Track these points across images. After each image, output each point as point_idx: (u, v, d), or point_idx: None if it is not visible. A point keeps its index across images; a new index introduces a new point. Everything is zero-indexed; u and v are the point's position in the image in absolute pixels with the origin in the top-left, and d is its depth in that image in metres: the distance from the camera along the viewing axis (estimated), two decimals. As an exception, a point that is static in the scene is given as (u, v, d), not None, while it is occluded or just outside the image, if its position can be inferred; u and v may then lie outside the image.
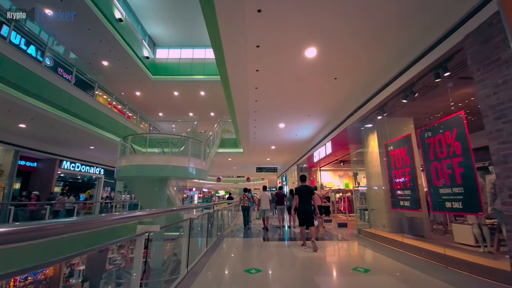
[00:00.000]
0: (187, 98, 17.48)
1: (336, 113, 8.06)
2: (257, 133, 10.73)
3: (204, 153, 11.05)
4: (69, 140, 11.85)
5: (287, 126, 9.81)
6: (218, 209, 7.77)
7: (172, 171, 9.22)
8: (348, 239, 6.80)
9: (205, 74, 15.62)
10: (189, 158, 9.70)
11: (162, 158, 9.16)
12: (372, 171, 6.94)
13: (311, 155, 11.76)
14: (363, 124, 7.04)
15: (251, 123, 9.26)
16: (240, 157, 16.41)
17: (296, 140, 11.66)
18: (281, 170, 20.77)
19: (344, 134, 7.96)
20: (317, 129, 9.85)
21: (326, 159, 10.25)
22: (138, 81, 15.37)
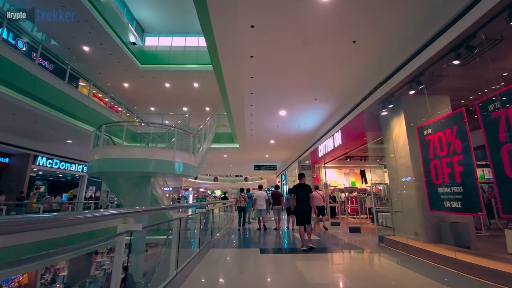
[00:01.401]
0: (180, 91, 15.92)
1: (350, 93, 6.55)
2: (255, 123, 9.21)
3: (194, 146, 9.51)
4: (40, 132, 10.27)
5: (289, 114, 8.29)
6: (208, 210, 6.26)
7: (155, 166, 7.68)
8: (369, 250, 5.28)
9: (198, 63, 14.08)
10: (175, 151, 8.16)
11: (143, 151, 7.62)
12: (397, 164, 5.44)
13: (315, 150, 10.25)
14: (385, 105, 5.53)
15: (247, 109, 7.74)
16: (237, 154, 14.87)
17: (298, 132, 10.15)
18: (280, 168, 19.25)
19: (358, 120, 6.46)
20: (324, 117, 8.34)
21: (333, 153, 8.75)
22: (125, 70, 13.79)
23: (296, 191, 5.25)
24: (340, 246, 5.70)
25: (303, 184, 5.30)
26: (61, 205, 12.43)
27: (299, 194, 5.19)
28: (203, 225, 6.06)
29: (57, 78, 8.92)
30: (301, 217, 5.12)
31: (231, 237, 7.09)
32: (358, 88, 6.15)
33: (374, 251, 5.14)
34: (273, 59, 5.25)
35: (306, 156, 12.01)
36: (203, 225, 6.06)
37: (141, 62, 13.88)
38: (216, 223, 7.87)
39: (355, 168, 13.16)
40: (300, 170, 13.33)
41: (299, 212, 5.16)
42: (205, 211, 6.00)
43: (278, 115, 8.32)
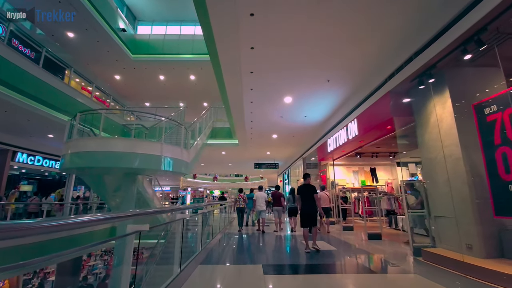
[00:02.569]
0: (175, 85, 14.70)
1: (373, 70, 5.33)
2: (255, 114, 7.99)
3: (187, 140, 8.30)
4: (16, 124, 9.05)
5: (295, 101, 7.07)
6: (204, 212, 5.06)
7: (139, 162, 6.48)
8: (408, 268, 4.03)
9: (194, 52, 12.88)
10: (163, 144, 6.94)
11: (125, 143, 6.39)
12: (439, 155, 4.21)
13: (323, 144, 9.02)
14: (422, 82, 4.31)
15: (246, 94, 6.52)
16: (236, 151, 13.64)
17: (304, 124, 8.93)
18: (282, 166, 18.01)
19: (382, 104, 5.24)
20: (336, 103, 7.11)
21: (345, 147, 7.53)
22: (115, 61, 12.58)
23: (301, 192, 5.10)
24: (366, 261, 4.47)
25: (308, 184, 5.12)
26: (52, 206, 11.27)
27: (303, 195, 5.02)
28: (196, 230, 4.86)
29: (27, 59, 7.70)
30: (305, 219, 4.99)
31: (228, 245, 5.87)
32: (383, 62, 4.93)
33: (416, 270, 3.89)
34: (278, 29, 4.05)
35: (312, 152, 10.78)
36: (196, 230, 4.86)
37: (133, 51, 12.67)
38: (212, 226, 6.67)
39: (365, 166, 11.93)
40: (305, 168, 12.10)
41: (303, 214, 5.03)
42: (199, 214, 4.80)
43: (282, 102, 7.09)
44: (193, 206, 5.78)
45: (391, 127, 5.43)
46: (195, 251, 4.30)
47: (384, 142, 7.76)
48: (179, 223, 3.28)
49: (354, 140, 6.68)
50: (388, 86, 4.90)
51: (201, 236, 4.45)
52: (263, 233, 7.32)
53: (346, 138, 6.97)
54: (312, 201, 4.96)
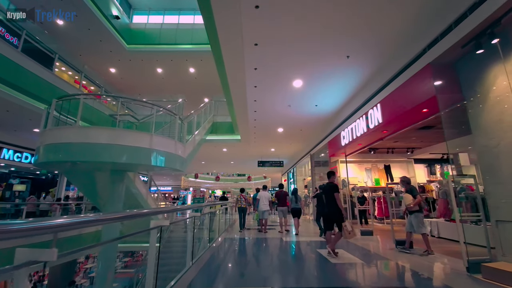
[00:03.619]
0: (174, 78, 13.76)
1: (407, 39, 4.28)
2: (260, 103, 6.97)
3: (182, 132, 7.32)
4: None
5: (306, 86, 6.04)
6: (194, 216, 4.07)
7: (125, 155, 5.50)
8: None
9: (193, 43, 11.92)
10: (153, 136, 5.96)
11: (108, 133, 5.41)
12: (507, 141, 3.14)
13: (336, 137, 7.96)
14: (480, 46, 3.25)
15: (249, 75, 5.50)
16: (238, 147, 12.64)
17: (314, 115, 7.88)
18: (287, 165, 16.93)
19: (418, 81, 4.19)
20: (354, 87, 6.06)
21: (364, 139, 6.45)
22: (109, 51, 11.68)
23: (325, 192, 4.73)
24: (412, 283, 3.41)
25: (331, 183, 4.66)
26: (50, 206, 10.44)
27: (328, 195, 4.58)
28: (188, 237, 3.87)
29: (5, 43, 6.80)
30: (327, 221, 4.77)
31: (227, 255, 4.85)
32: (424, 25, 3.87)
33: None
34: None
35: (322, 148, 9.71)
36: (188, 237, 3.87)
37: (127, 41, 11.75)
38: (209, 230, 5.67)
39: (379, 163, 10.83)
40: (313, 165, 11.03)
41: (323, 215, 4.93)
42: (188, 218, 3.80)
43: (291, 87, 6.06)
44: (181, 208, 4.78)
45: (428, 111, 4.37)
46: (189, 264, 3.28)
47: (405, 134, 6.68)
48: (153, 234, 2.28)
49: (376, 130, 5.61)
50: (429, 56, 3.85)
51: (192, 246, 3.44)
52: (264, 233, 7.03)
53: (366, 128, 5.91)
54: (331, 201, 4.49)
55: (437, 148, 9.46)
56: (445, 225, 6.18)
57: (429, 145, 9.27)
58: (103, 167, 5.95)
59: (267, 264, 4.09)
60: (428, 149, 9.78)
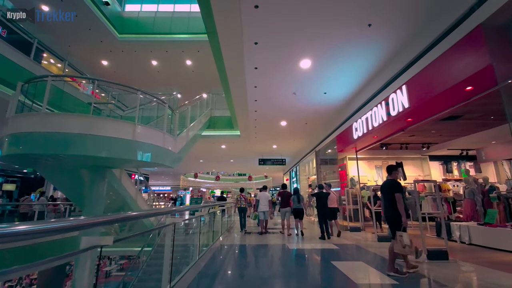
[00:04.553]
0: (170, 71, 12.85)
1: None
2: (261, 89, 6.04)
3: (173, 124, 6.42)
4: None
5: (315, 68, 5.11)
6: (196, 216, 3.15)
7: (101, 148, 4.59)
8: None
9: (190, 32, 11.03)
10: (137, 125, 5.04)
11: (80, 121, 4.50)
12: None
13: (347, 130, 7.03)
14: None
15: (248, 52, 4.58)
16: (237, 144, 11.72)
17: (322, 104, 6.94)
18: (290, 163, 15.99)
19: (463, 48, 3.26)
20: (374, 66, 5.10)
21: (381, 131, 5.49)
22: (100, 41, 10.80)
23: (384, 191, 3.77)
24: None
25: (391, 180, 3.74)
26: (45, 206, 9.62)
27: (386, 195, 3.64)
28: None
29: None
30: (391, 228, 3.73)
31: (223, 267, 3.92)
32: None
33: None
34: None
35: (329, 144, 8.77)
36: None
37: (119, 30, 10.87)
38: (197, 238, 4.76)
39: (390, 160, 9.87)
40: (318, 163, 10.08)
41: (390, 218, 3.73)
42: (166, 227, 2.88)
43: (297, 68, 5.13)
44: (162, 212, 3.86)
45: (473, 89, 3.44)
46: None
47: (425, 127, 5.74)
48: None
49: (398, 118, 4.66)
50: (478, 17, 2.92)
51: (171, 268, 2.51)
52: (265, 233, 6.93)
53: (385, 117, 4.97)
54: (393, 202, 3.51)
55: (457, 143, 8.50)
56: (479, 230, 5.22)
57: (449, 139, 8.30)
58: (77, 162, 5.04)
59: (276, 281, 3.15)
60: (446, 145, 8.81)
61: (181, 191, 24.75)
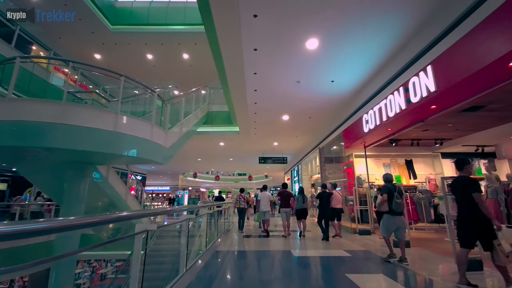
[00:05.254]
0: (166, 65, 12.18)
1: None
2: (261, 75, 5.36)
3: (164, 116, 5.76)
4: None
5: (323, 49, 4.44)
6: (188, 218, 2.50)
7: (77, 139, 3.93)
8: None
9: (186, 23, 10.39)
10: (119, 115, 4.38)
11: (51, 108, 3.84)
12: None
13: (355, 123, 6.36)
14: None
15: (246, 32, 3.91)
16: (237, 141, 11.06)
17: (329, 95, 6.27)
18: (291, 162, 15.29)
19: (508, 13, 2.58)
20: (391, 46, 4.41)
21: (397, 122, 4.80)
22: (91, 33, 10.14)
23: (455, 189, 3.16)
24: None
25: (464, 177, 3.08)
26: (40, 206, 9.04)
27: (458, 194, 3.08)
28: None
29: None
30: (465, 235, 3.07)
31: (215, 283, 3.25)
32: None
33: None
34: None
35: (334, 139, 8.09)
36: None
37: (112, 21, 10.21)
38: (197, 240, 4.10)
39: (399, 158, 9.19)
40: (322, 161, 9.40)
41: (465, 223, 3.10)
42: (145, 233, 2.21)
43: (302, 49, 4.46)
44: (161, 212, 3.18)
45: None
46: None
47: (442, 119, 5.07)
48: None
49: (421, 105, 3.98)
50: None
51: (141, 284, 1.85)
52: (267, 234, 6.69)
53: (405, 104, 4.28)
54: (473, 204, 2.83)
55: (472, 139, 7.80)
56: (507, 233, 4.52)
57: (464, 134, 7.59)
58: (52, 156, 4.38)
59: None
60: (460, 141, 8.11)
61: (180, 191, 24.09)
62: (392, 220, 3.94)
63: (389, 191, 3.99)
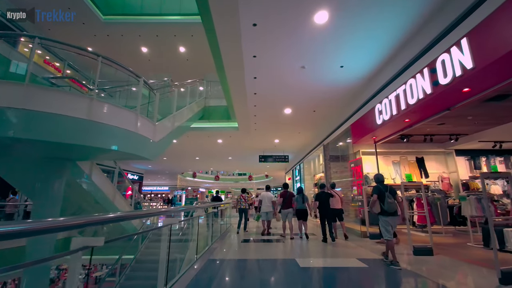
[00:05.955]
0: (162, 59, 11.52)
1: None
2: (262, 59, 4.68)
3: (150, 104, 5.09)
4: None
5: (334, 25, 3.76)
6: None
7: (41, 128, 3.25)
8: None
9: (182, 13, 9.75)
10: (94, 100, 3.70)
11: (10, 90, 3.18)
12: None
13: (367, 114, 5.67)
14: None
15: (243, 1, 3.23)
16: (236, 138, 10.38)
17: (337, 83, 5.57)
18: (293, 161, 14.57)
19: None
20: (416, 20, 3.72)
21: (419, 111, 4.10)
22: (82, 24, 9.51)
23: None
24: None
25: None
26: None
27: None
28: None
29: None
30: None
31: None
32: None
33: None
34: None
35: (341, 134, 7.40)
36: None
37: (103, 11, 9.58)
38: (186, 247, 3.41)
39: (409, 155, 8.51)
40: (327, 158, 8.71)
41: None
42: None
43: (310, 25, 3.78)
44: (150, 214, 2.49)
45: None
46: None
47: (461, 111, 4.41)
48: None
49: (452, 87, 3.29)
50: None
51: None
52: (268, 234, 6.57)
53: (431, 88, 3.59)
54: None
55: (491, 133, 7.11)
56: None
57: (483, 129, 6.89)
58: (13, 149, 3.70)
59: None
60: (476, 136, 7.42)
61: (178, 191, 23.40)
62: (386, 220, 3.78)
63: (379, 191, 3.85)
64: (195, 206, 5.32)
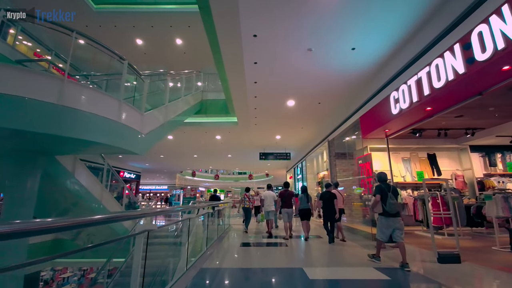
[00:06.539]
0: (158, 52, 10.95)
1: None
2: (262, 40, 4.10)
3: (136, 91, 4.52)
4: None
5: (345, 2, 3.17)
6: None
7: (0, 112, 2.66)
8: None
9: (178, 1, 9.17)
10: (66, 81, 3.13)
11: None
12: None
13: (380, 104, 5.08)
14: None
15: None
16: (235, 134, 9.80)
17: (346, 69, 4.97)
18: (294, 158, 13.94)
19: None
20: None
21: (447, 96, 3.52)
22: (72, 15, 8.95)
23: None
24: None
25: None
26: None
27: None
28: None
29: None
30: None
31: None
32: None
33: None
34: None
35: (348, 128, 6.82)
36: None
37: (95, 0, 9.04)
38: (179, 251, 2.85)
39: (420, 152, 7.94)
40: (332, 155, 8.13)
41: None
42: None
43: (319, 4, 3.19)
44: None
45: None
46: None
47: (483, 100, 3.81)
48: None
49: (492, 63, 2.71)
50: None
51: None
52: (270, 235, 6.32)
53: (464, 67, 3.01)
54: None
55: (508, 128, 6.54)
56: None
57: (503, 122, 6.30)
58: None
59: None
60: (494, 130, 6.83)
61: (177, 190, 22.84)
62: (387, 222, 3.59)
63: (382, 191, 3.65)
64: (188, 207, 4.77)
